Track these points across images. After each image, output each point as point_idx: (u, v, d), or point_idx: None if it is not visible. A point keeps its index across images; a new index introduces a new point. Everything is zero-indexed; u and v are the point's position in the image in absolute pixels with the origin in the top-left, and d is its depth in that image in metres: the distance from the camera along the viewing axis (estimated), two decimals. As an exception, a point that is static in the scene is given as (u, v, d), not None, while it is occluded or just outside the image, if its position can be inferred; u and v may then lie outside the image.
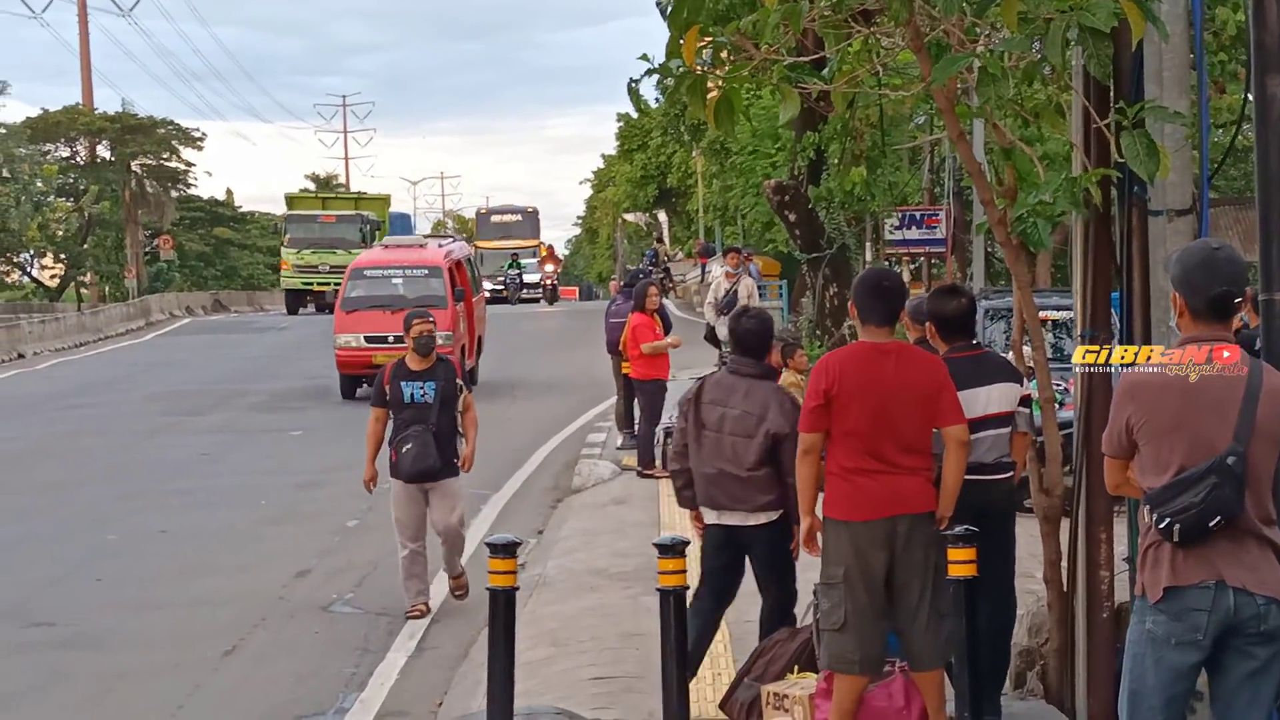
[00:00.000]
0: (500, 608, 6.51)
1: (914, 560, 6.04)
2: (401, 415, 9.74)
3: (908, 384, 6.03)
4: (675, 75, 5.72)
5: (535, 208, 70.07)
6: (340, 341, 22.26)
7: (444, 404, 9.71)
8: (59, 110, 57.57)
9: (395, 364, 9.92)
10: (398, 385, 9.74)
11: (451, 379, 9.86)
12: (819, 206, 18.57)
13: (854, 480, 6.02)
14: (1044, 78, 6.43)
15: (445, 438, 9.76)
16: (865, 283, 6.30)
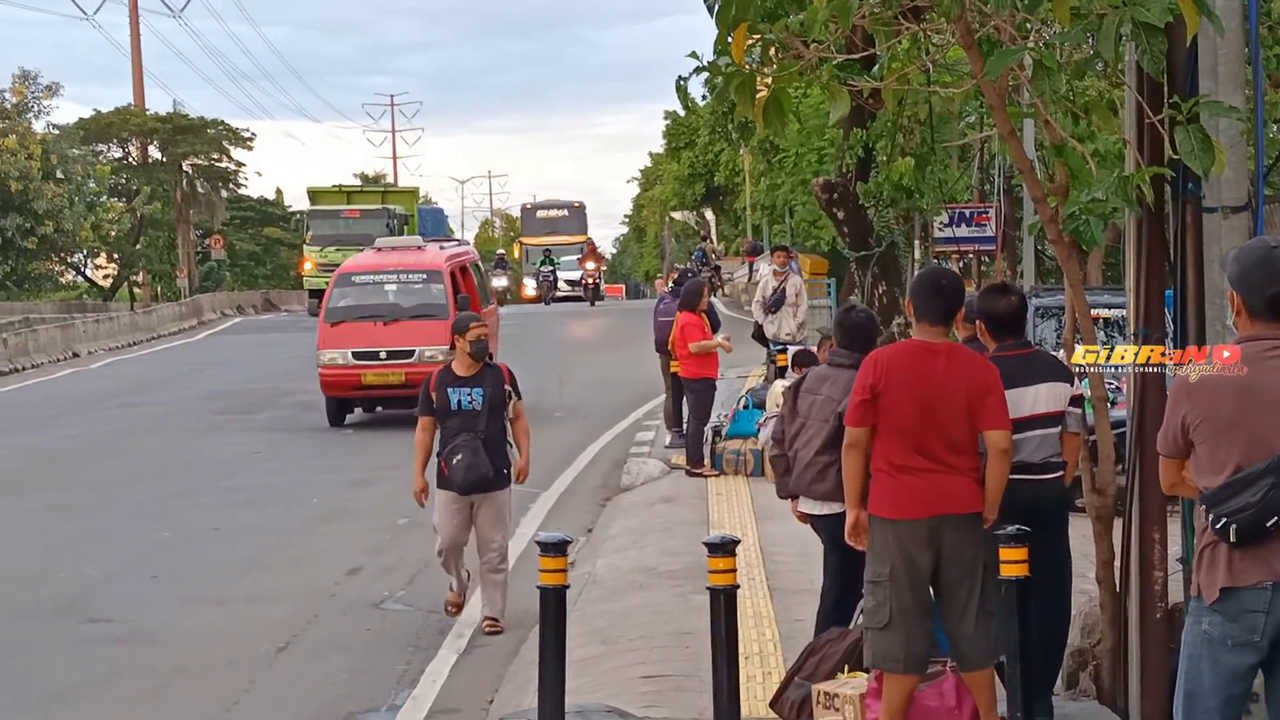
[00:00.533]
0: (551, 606, 6.53)
1: (961, 559, 6.02)
2: (448, 424, 9.41)
3: (956, 383, 6.01)
4: (724, 74, 5.72)
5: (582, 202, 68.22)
6: (324, 359, 19.48)
7: (493, 411, 9.38)
8: (111, 111, 58.08)
9: (441, 370, 9.59)
10: (444, 392, 9.40)
11: (500, 385, 9.47)
12: (868, 204, 18.47)
13: (900, 478, 6.01)
14: (1095, 73, 6.40)
15: (495, 446, 9.44)
16: (923, 281, 6.31)
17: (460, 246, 23.67)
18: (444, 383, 9.45)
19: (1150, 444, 5.88)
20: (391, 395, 19.43)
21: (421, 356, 18.77)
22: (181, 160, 58.90)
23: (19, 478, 16.21)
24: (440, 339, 17.23)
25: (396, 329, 19.56)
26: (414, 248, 22.00)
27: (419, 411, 9.63)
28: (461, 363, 9.48)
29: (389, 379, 19.19)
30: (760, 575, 10.07)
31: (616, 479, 15.17)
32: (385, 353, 19.28)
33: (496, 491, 9.48)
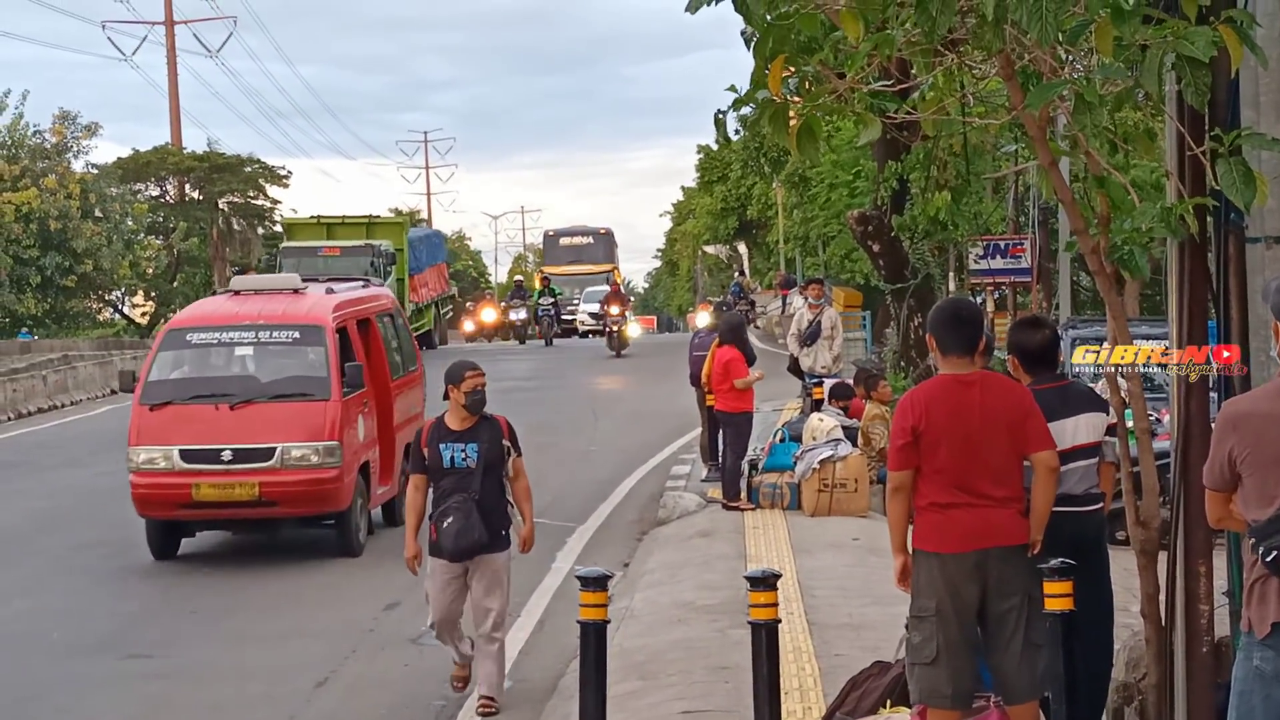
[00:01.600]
0: (591, 640, 6.51)
1: (1007, 592, 5.98)
2: (441, 483, 8.57)
3: (994, 414, 5.99)
4: (759, 104, 5.73)
5: (609, 229, 63.23)
6: (137, 460, 13.21)
7: (488, 469, 8.52)
8: (149, 150, 58.52)
9: (434, 423, 8.72)
10: (435, 448, 8.56)
11: (497, 440, 8.59)
12: (903, 236, 18.48)
13: (945, 513, 5.99)
14: (1136, 105, 6.38)
15: (491, 508, 8.55)
16: (942, 313, 6.27)
17: (366, 290, 16.33)
18: (436, 437, 8.61)
19: (1194, 476, 5.84)
20: (240, 517, 13.43)
21: (285, 459, 13.00)
22: (218, 198, 59.31)
23: (60, 514, 16.28)
24: (317, 430, 13.04)
25: (248, 415, 13.25)
26: (286, 291, 14.81)
27: (410, 469, 8.82)
28: (455, 415, 8.63)
29: (235, 493, 12.99)
30: (799, 610, 10.02)
31: (653, 513, 15.14)
32: (230, 452, 12.99)
33: (493, 555, 8.65)
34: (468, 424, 8.58)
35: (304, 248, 37.10)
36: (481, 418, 8.61)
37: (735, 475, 14.65)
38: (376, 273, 34.12)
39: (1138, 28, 4.90)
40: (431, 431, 8.65)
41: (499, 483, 8.62)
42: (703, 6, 5.56)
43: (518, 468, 8.69)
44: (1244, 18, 5.05)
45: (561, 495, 16.36)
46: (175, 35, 59.54)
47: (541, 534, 14.05)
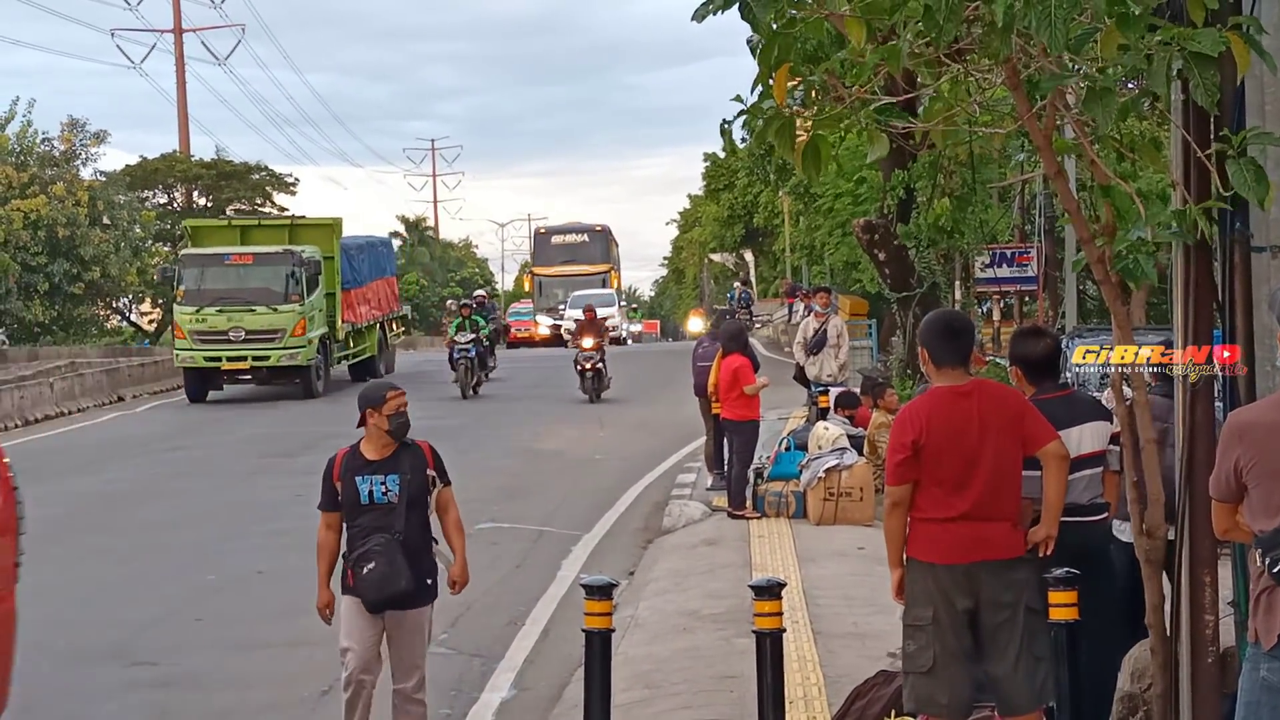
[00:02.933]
0: (597, 649, 6.51)
1: (1000, 604, 5.97)
2: (358, 521, 7.40)
3: (992, 421, 5.99)
4: (764, 115, 5.72)
5: (606, 226, 58.17)
6: None
7: (413, 504, 7.35)
8: (157, 158, 58.67)
9: (347, 453, 7.48)
10: (351, 481, 7.39)
11: (421, 469, 7.41)
12: (909, 245, 18.47)
13: (940, 525, 5.99)
14: (1142, 113, 6.38)
15: (416, 549, 7.36)
16: (935, 326, 6.25)
17: None
18: (350, 468, 7.42)
19: (1199, 486, 5.82)
20: None
21: None
22: (225, 205, 59.43)
23: (66, 522, 16.28)
24: None
25: None
26: None
27: (320, 505, 7.60)
28: (373, 443, 7.43)
29: None
30: (804, 619, 10.01)
31: (658, 521, 15.13)
32: None
33: (419, 608, 7.46)
34: (387, 452, 7.39)
35: (209, 255, 30.90)
36: (402, 444, 7.41)
37: (741, 484, 14.65)
38: (298, 285, 29.51)
39: (1144, 33, 4.90)
40: (345, 462, 7.44)
41: (424, 519, 7.42)
42: (709, 15, 5.56)
43: (446, 499, 7.52)
44: (1251, 23, 5.05)
45: (566, 503, 16.37)
46: (184, 43, 59.70)
47: (546, 543, 14.18)
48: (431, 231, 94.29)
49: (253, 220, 36.79)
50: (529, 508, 16.10)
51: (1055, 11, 4.75)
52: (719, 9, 5.51)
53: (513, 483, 17.90)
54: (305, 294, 29.86)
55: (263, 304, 29.47)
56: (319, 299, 30.52)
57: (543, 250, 57.30)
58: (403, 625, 7.44)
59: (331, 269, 31.43)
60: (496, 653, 10.13)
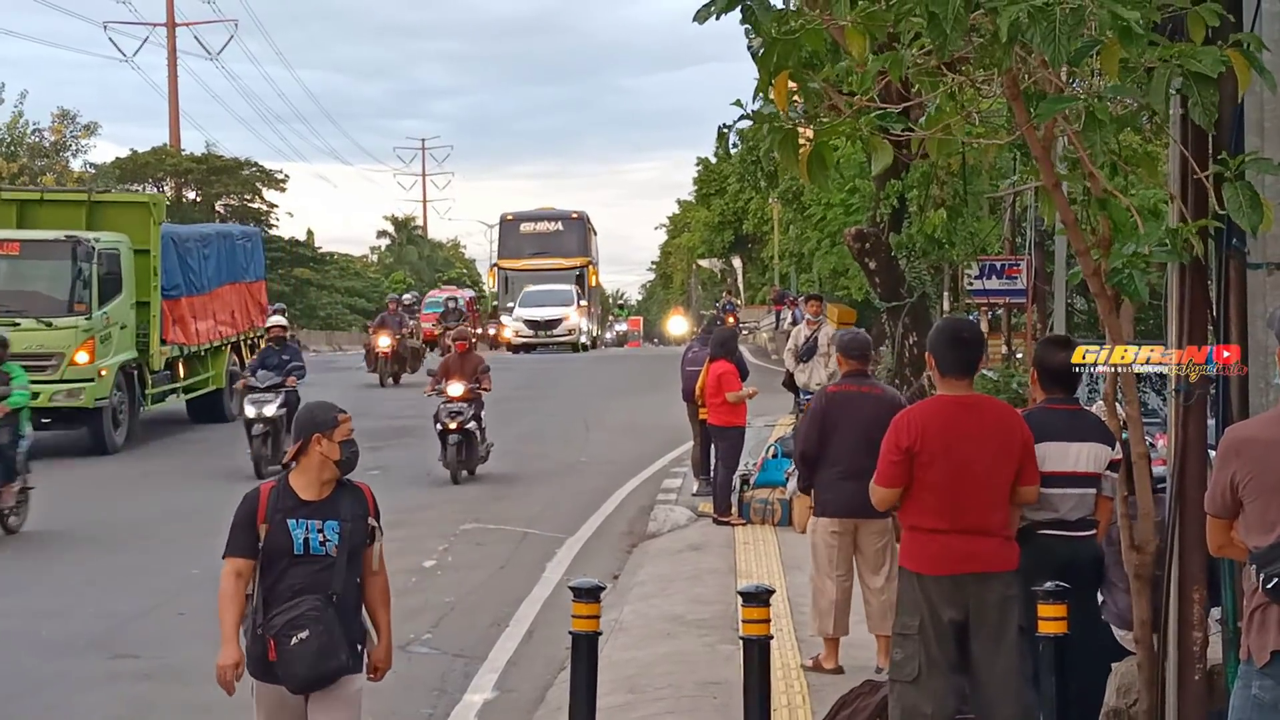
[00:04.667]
0: (583, 652, 6.48)
1: (987, 619, 5.97)
2: (285, 577, 5.83)
3: (991, 440, 5.99)
4: (767, 121, 5.71)
5: (582, 212, 50.79)
6: None
7: (351, 558, 5.92)
8: (147, 151, 58.62)
9: (274, 489, 5.96)
10: (282, 525, 5.85)
11: (362, 517, 5.96)
12: (900, 255, 18.45)
13: (929, 535, 5.99)
14: (1140, 128, 6.38)
15: (350, 614, 5.93)
16: (943, 333, 6.25)
17: None
18: (279, 509, 5.89)
19: (1190, 501, 5.83)
20: None
21: None
22: (215, 200, 59.38)
23: (52, 514, 16.22)
24: None
25: None
26: None
27: (229, 550, 5.95)
28: (311, 479, 5.93)
29: None
30: (788, 626, 10.00)
31: (643, 526, 15.12)
32: None
33: (350, 676, 5.93)
34: (325, 492, 5.93)
35: None
36: (340, 484, 5.97)
37: (726, 490, 14.64)
38: (86, 289, 20.55)
39: (1145, 49, 4.90)
40: (272, 500, 5.91)
41: (358, 578, 5.98)
42: (710, 17, 5.55)
43: (379, 558, 6.07)
44: (1252, 40, 5.05)
45: (552, 505, 16.34)
46: (176, 37, 59.60)
47: (531, 544, 14.16)
48: (420, 231, 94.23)
49: (34, 192, 25.69)
50: (514, 509, 16.08)
51: (1060, 27, 4.76)
52: (721, 11, 5.50)
53: (498, 484, 17.87)
54: (97, 302, 20.62)
55: (32, 315, 20.16)
56: (122, 309, 21.35)
57: (510, 239, 49.03)
58: (331, 702, 5.86)
59: (146, 267, 22.17)
60: (480, 653, 10.11)
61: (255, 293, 27.53)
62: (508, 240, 49.53)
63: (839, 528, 8.99)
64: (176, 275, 23.46)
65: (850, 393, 9.08)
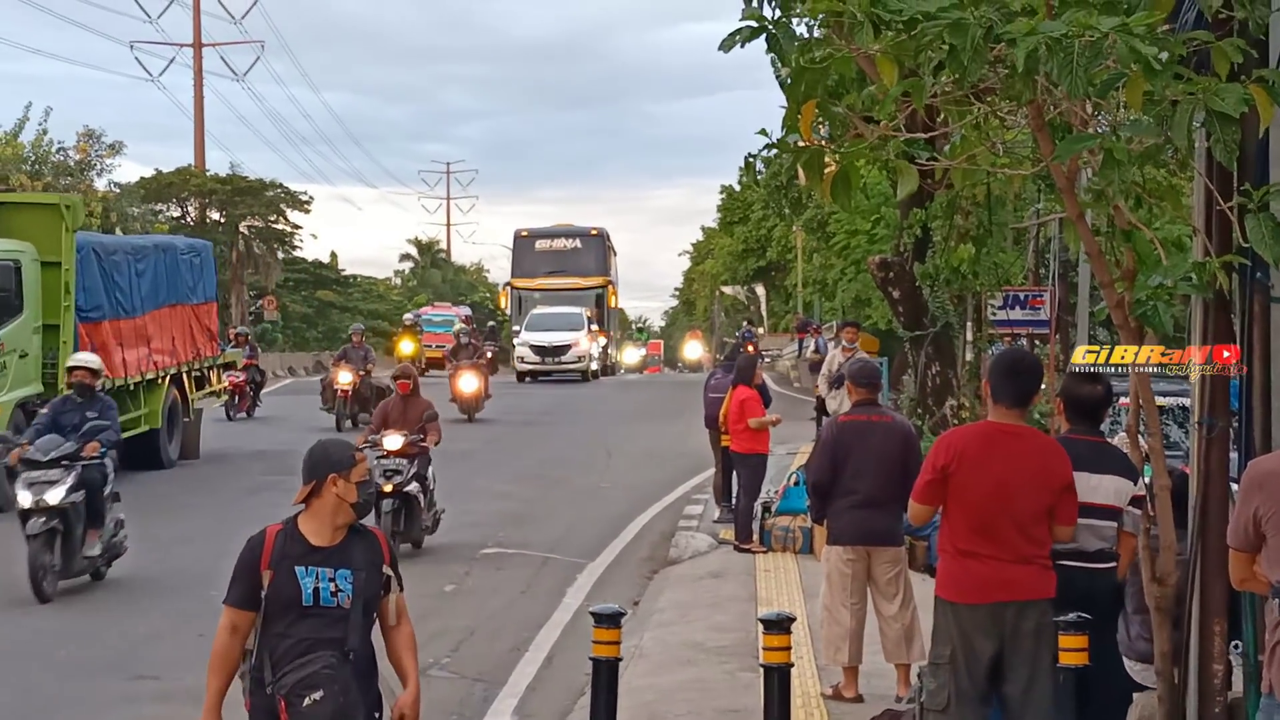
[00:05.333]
0: (603, 678, 6.49)
1: (1022, 648, 5.97)
2: (295, 632, 5.35)
3: (1033, 472, 6.00)
4: (792, 150, 5.74)
5: (602, 229, 48.02)
6: None
7: (365, 611, 5.44)
8: (172, 171, 58.87)
9: (280, 532, 5.47)
10: (290, 573, 5.37)
11: (377, 565, 5.50)
12: (923, 284, 18.47)
13: (965, 562, 5.99)
14: (1161, 160, 6.39)
15: (366, 674, 5.46)
16: (1001, 363, 6.38)
17: None
18: (287, 554, 5.41)
19: (1212, 534, 5.82)
20: None
21: None
22: (239, 221, 59.61)
23: (69, 532, 16.29)
24: None
25: None
26: None
27: (230, 599, 5.49)
28: (323, 523, 5.46)
29: None
30: (808, 655, 9.98)
31: (664, 552, 15.11)
32: None
33: None
34: (337, 538, 5.46)
35: None
36: (352, 530, 5.52)
37: (748, 517, 14.63)
38: None
39: (1169, 83, 4.91)
40: (279, 545, 5.42)
41: (371, 632, 5.52)
42: (735, 46, 5.58)
43: (400, 608, 5.58)
44: (1276, 76, 5.06)
45: (573, 531, 16.35)
46: (203, 58, 59.93)
47: (551, 569, 14.16)
48: (444, 254, 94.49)
49: None
50: (535, 534, 16.09)
51: (1077, 59, 4.78)
52: (745, 41, 5.54)
53: (519, 508, 17.89)
54: None
55: None
56: (21, 333, 17.96)
57: (524, 257, 46.35)
58: None
59: (57, 283, 18.52)
60: (499, 678, 10.10)
61: (203, 316, 23.81)
62: (522, 258, 46.80)
63: (852, 555, 8.99)
64: (99, 294, 19.63)
65: (861, 422, 9.10)
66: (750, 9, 5.50)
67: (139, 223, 51.92)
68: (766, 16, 5.41)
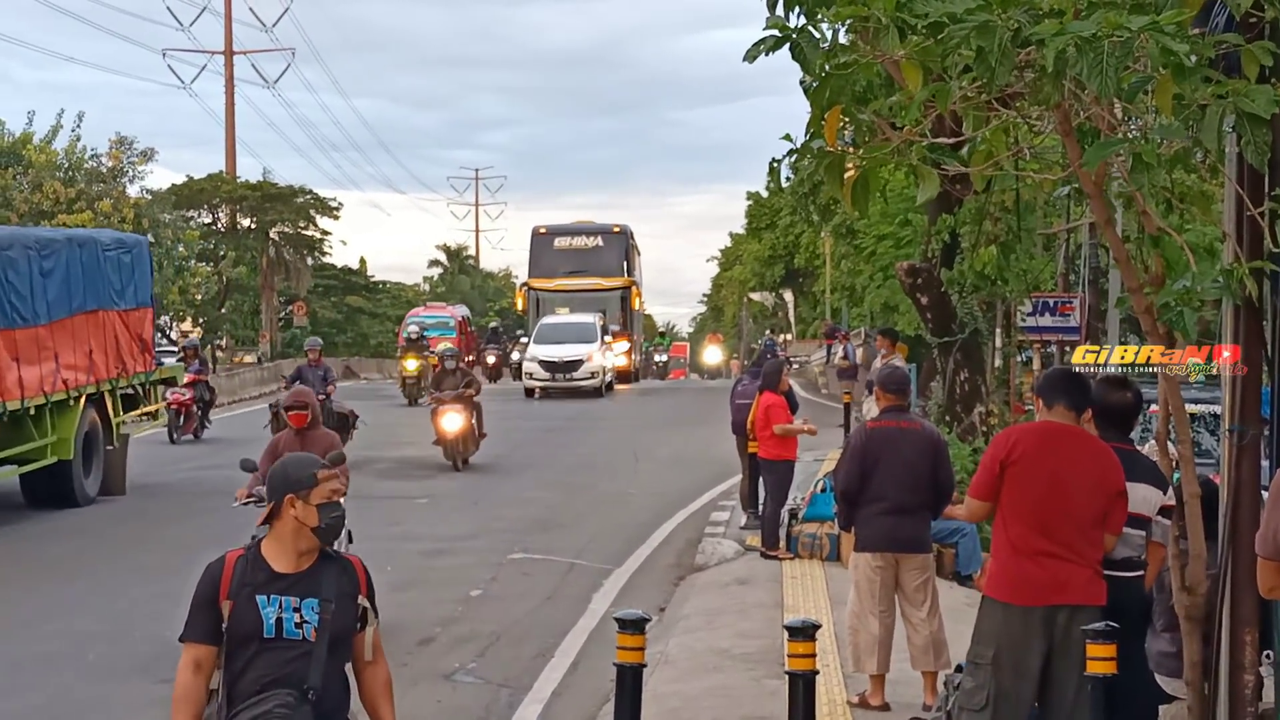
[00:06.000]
0: (627, 684, 6.46)
1: (1072, 653, 5.95)
2: (253, 668, 4.84)
3: (1086, 467, 6.00)
4: (815, 155, 5.72)
5: (625, 226, 44.44)
6: None
7: (334, 646, 4.90)
8: (203, 178, 59.13)
9: (242, 558, 4.94)
10: (250, 602, 4.84)
11: (350, 596, 4.94)
12: (951, 290, 18.40)
13: (1020, 563, 5.99)
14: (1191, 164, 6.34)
15: (332, 715, 4.94)
16: (1056, 373, 6.55)
17: None
18: (248, 582, 4.88)
19: (1243, 543, 5.76)
20: None
21: None
22: (269, 228, 59.84)
23: (99, 538, 16.36)
24: None
25: None
26: None
27: (187, 635, 4.95)
28: (286, 547, 4.93)
29: None
30: (834, 662, 9.93)
31: (690, 558, 15.08)
32: None
33: None
34: (304, 564, 4.93)
35: None
36: (323, 555, 4.98)
37: (774, 524, 14.59)
38: None
39: (1198, 85, 4.87)
40: (239, 572, 4.90)
41: (343, 671, 5.01)
42: (759, 55, 5.57)
43: (375, 645, 5.04)
44: (1307, 79, 5.02)
45: (599, 537, 16.33)
46: (234, 65, 60.23)
47: (578, 575, 14.14)
48: (472, 261, 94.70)
49: None
50: (561, 540, 16.08)
51: (1107, 60, 4.74)
52: (770, 50, 5.52)
53: (546, 514, 17.88)
54: None
55: None
56: None
57: (542, 256, 43.06)
58: None
59: None
60: (525, 684, 10.10)
61: (135, 324, 20.02)
62: (540, 257, 43.24)
63: (881, 562, 8.95)
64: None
65: (889, 428, 9.07)
66: (774, 18, 5.48)
67: (170, 229, 52.19)
68: (790, 25, 5.38)
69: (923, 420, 9.87)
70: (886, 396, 9.34)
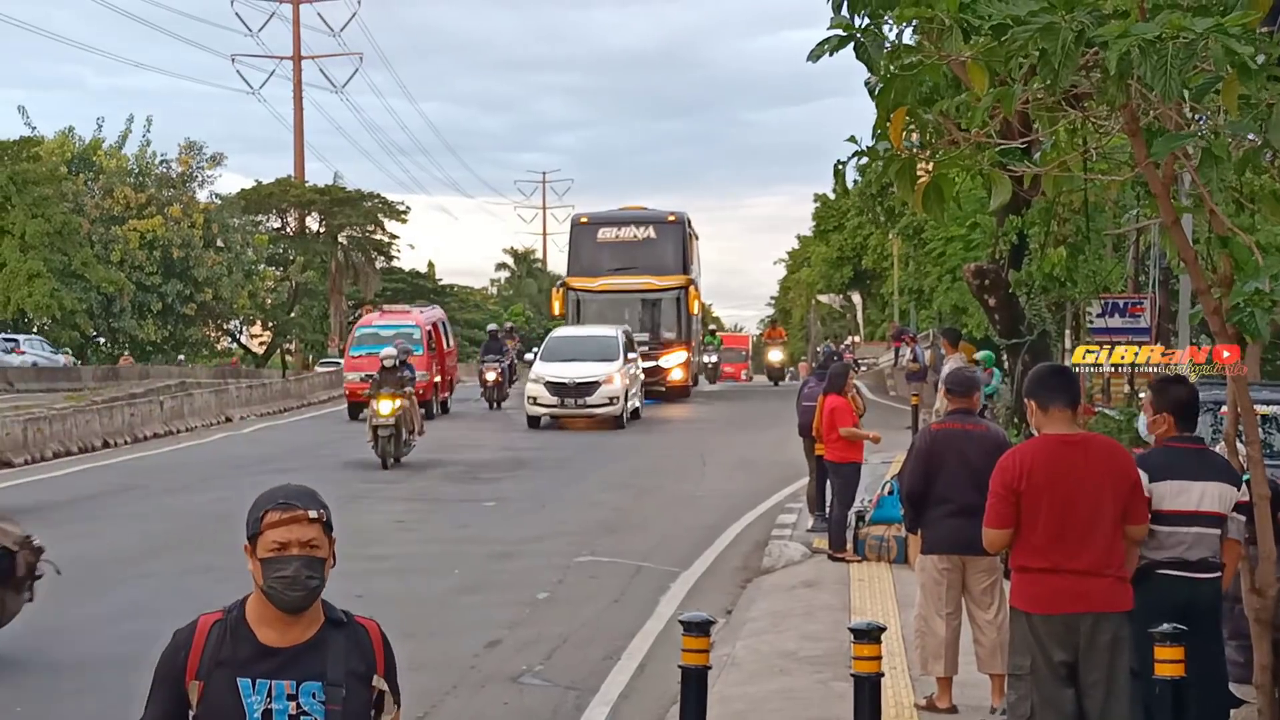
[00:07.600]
0: (693, 686, 6.48)
1: (1097, 660, 5.91)
2: None
3: (1098, 475, 5.95)
4: (882, 158, 5.72)
5: (680, 214, 36.79)
6: None
7: None
8: (272, 182, 59.78)
9: (221, 621, 3.73)
10: (228, 685, 3.64)
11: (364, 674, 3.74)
12: (1019, 292, 18.29)
13: (1038, 575, 5.96)
14: (1261, 164, 6.28)
15: None
16: (1038, 373, 6.42)
17: None
18: (222, 657, 3.68)
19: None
20: None
21: None
22: (337, 232, 60.34)
23: (171, 539, 16.57)
24: None
25: None
26: None
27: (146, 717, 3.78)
28: (270, 609, 3.72)
29: None
30: (902, 664, 9.91)
31: (757, 561, 15.07)
32: None
33: None
34: (301, 635, 3.71)
35: None
36: (328, 621, 3.76)
37: (842, 526, 14.55)
38: None
39: (1264, 84, 4.83)
40: (212, 645, 3.70)
41: None
42: (823, 55, 5.57)
43: None
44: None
45: (666, 539, 16.36)
46: (302, 70, 60.80)
47: (645, 578, 14.17)
48: (540, 264, 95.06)
49: None
50: (629, 542, 16.11)
51: (1171, 61, 4.71)
52: (833, 50, 5.53)
53: (613, 517, 17.93)
54: None
55: None
56: None
57: (584, 250, 35.91)
58: None
59: None
60: (591, 686, 10.13)
61: None
62: (581, 250, 35.84)
63: (947, 564, 8.92)
64: None
65: (955, 430, 9.03)
66: (839, 18, 5.49)
67: (239, 234, 52.77)
68: (855, 25, 5.39)
69: (989, 423, 9.82)
70: (952, 399, 9.32)
